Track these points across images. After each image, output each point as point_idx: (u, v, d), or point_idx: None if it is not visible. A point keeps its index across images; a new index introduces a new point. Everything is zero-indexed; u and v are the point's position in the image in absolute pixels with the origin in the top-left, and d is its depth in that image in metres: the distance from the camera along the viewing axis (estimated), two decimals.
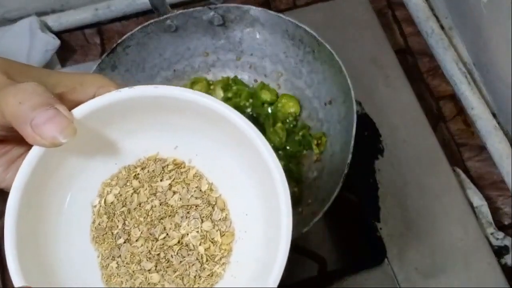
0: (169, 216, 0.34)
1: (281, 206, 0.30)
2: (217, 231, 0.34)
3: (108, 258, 0.34)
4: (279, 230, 0.30)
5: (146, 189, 0.34)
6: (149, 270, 0.33)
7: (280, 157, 0.66)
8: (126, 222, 0.34)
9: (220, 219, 0.34)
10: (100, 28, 0.90)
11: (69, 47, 0.89)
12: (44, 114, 0.27)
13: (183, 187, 0.34)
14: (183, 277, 0.33)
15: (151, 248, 0.33)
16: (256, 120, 0.69)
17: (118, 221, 0.34)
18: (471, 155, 0.83)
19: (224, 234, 0.34)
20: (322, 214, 0.55)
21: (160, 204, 0.34)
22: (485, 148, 0.82)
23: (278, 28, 0.66)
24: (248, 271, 0.31)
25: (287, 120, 0.69)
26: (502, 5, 0.75)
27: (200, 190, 0.34)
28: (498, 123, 0.83)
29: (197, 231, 0.33)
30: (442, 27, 0.91)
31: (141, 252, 0.33)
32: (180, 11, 0.66)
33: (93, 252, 0.34)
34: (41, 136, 0.27)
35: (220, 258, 0.33)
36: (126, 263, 0.33)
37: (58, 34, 0.88)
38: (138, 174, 0.35)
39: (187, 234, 0.33)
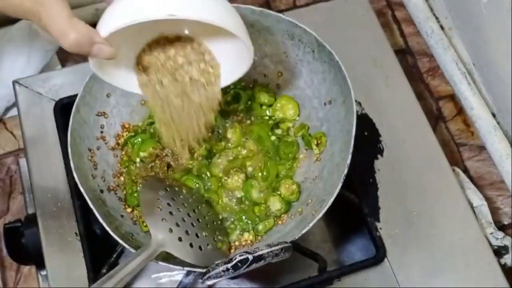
0: (181, 67, 0.57)
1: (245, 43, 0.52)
2: (209, 66, 0.58)
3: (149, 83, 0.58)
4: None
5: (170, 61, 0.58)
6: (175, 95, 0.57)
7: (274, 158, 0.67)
8: (158, 76, 0.58)
9: (209, 60, 0.58)
10: None
11: None
12: (95, 48, 0.48)
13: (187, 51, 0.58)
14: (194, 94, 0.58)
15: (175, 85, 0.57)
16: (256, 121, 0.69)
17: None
18: (471, 155, 0.83)
19: (214, 67, 0.58)
20: (322, 214, 0.55)
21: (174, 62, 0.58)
22: (484, 148, 0.83)
23: (278, 28, 0.66)
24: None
25: (285, 122, 0.69)
26: (502, 5, 0.75)
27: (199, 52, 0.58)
28: (498, 123, 0.83)
29: (197, 70, 0.57)
30: (442, 27, 0.91)
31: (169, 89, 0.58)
32: None
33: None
34: (97, 57, 0.50)
35: (215, 79, 0.58)
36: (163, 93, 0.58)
37: None
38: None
39: (193, 74, 0.57)
